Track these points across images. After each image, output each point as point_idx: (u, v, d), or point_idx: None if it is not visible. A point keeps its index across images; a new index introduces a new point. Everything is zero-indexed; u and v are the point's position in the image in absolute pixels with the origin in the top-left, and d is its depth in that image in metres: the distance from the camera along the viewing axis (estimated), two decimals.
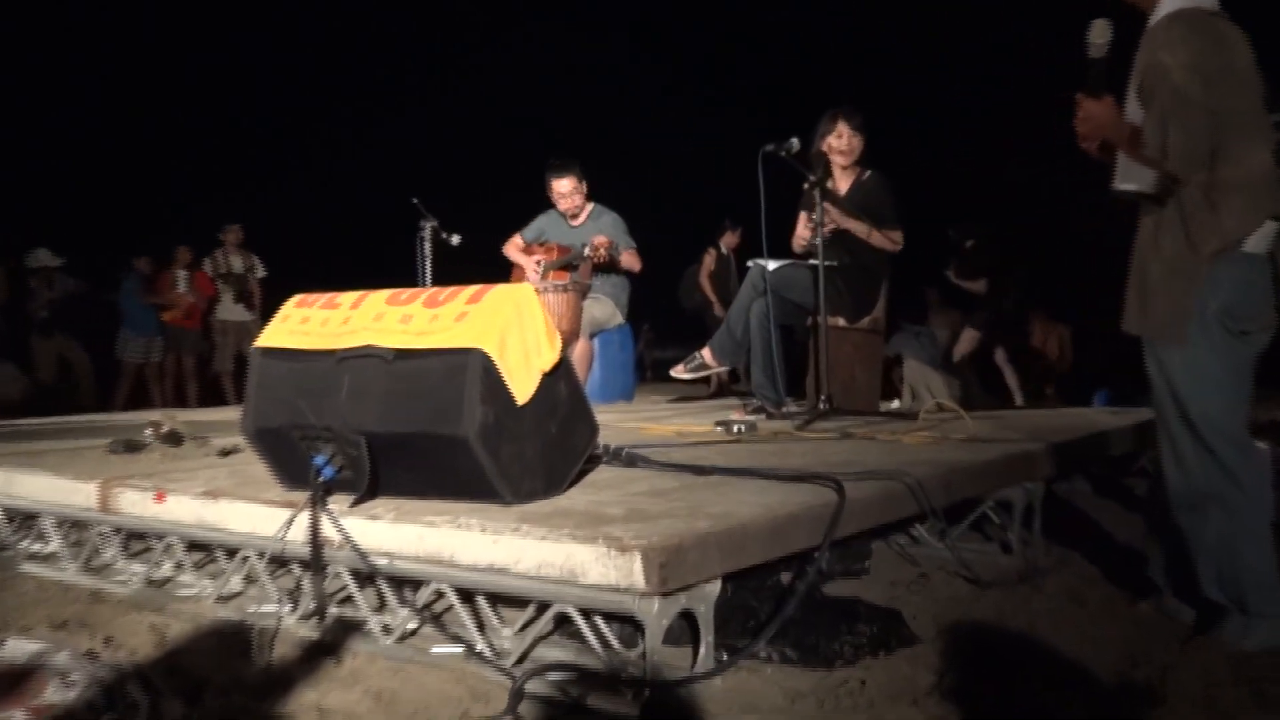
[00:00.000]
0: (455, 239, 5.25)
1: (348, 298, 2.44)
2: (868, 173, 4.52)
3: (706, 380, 9.36)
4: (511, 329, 2.18)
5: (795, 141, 4.10)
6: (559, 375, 2.28)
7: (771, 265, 4.35)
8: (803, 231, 4.34)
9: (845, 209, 4.35)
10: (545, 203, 5.88)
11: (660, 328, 13.38)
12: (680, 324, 9.65)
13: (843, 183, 4.51)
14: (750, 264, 4.46)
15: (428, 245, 5.14)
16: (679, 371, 4.65)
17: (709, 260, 9.60)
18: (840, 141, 4.42)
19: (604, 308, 5.79)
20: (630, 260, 5.71)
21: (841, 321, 4.48)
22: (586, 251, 5.45)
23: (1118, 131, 2.19)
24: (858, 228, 4.33)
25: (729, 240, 9.62)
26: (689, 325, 9.49)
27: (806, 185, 4.15)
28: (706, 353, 4.57)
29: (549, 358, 2.24)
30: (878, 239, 4.35)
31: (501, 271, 6.04)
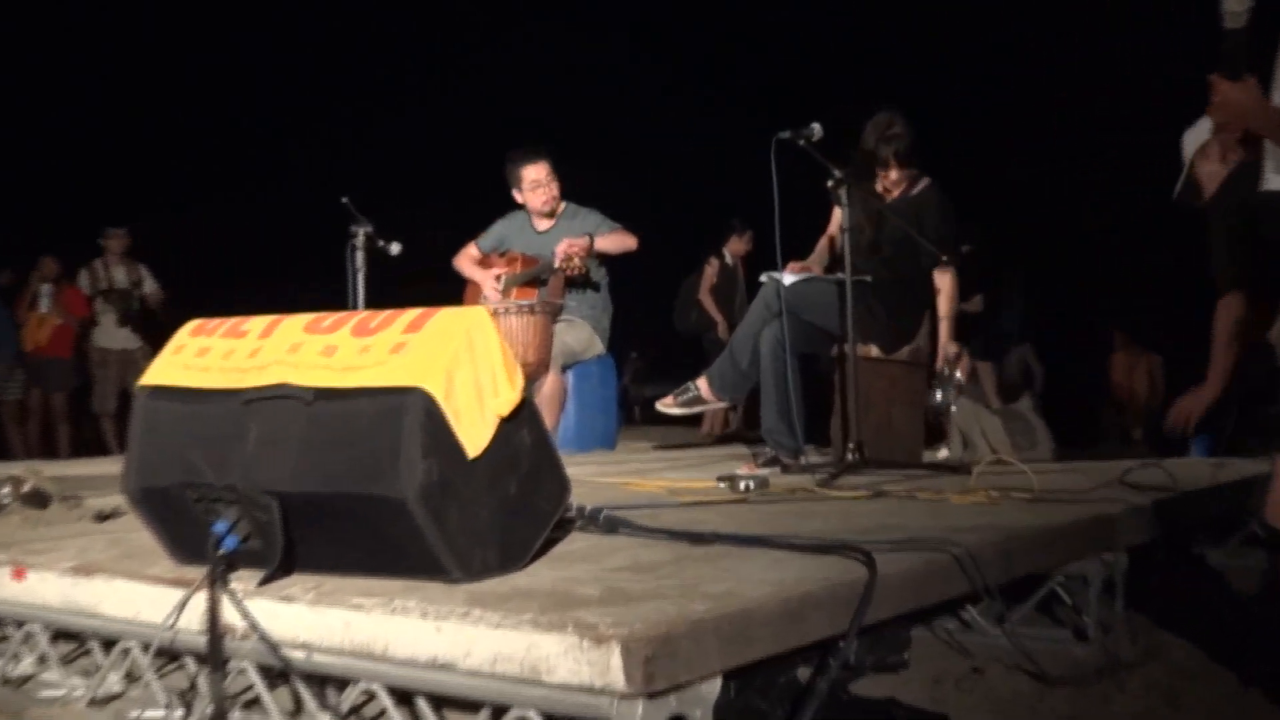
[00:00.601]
0: (395, 248, 5.26)
1: (257, 324, 2.45)
2: (923, 181, 4.56)
3: (698, 420, 9.36)
4: (461, 363, 2.19)
5: (817, 128, 4.15)
6: (521, 420, 2.29)
7: (788, 279, 4.38)
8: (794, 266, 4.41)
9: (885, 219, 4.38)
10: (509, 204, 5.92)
11: (650, 357, 13.43)
12: (676, 353, 9.69)
13: (892, 190, 4.56)
14: (764, 278, 4.49)
15: (360, 256, 5.14)
16: (668, 405, 4.67)
17: (710, 271, 9.61)
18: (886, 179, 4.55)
19: (580, 334, 5.82)
20: (618, 241, 5.71)
21: (875, 351, 4.52)
22: (556, 263, 5.47)
23: (1264, 119, 2.14)
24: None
25: (736, 247, 9.62)
26: (686, 354, 9.51)
27: (831, 183, 4.19)
28: (703, 384, 4.59)
29: (508, 398, 2.25)
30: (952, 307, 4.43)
31: (458, 291, 6.07)
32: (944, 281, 4.51)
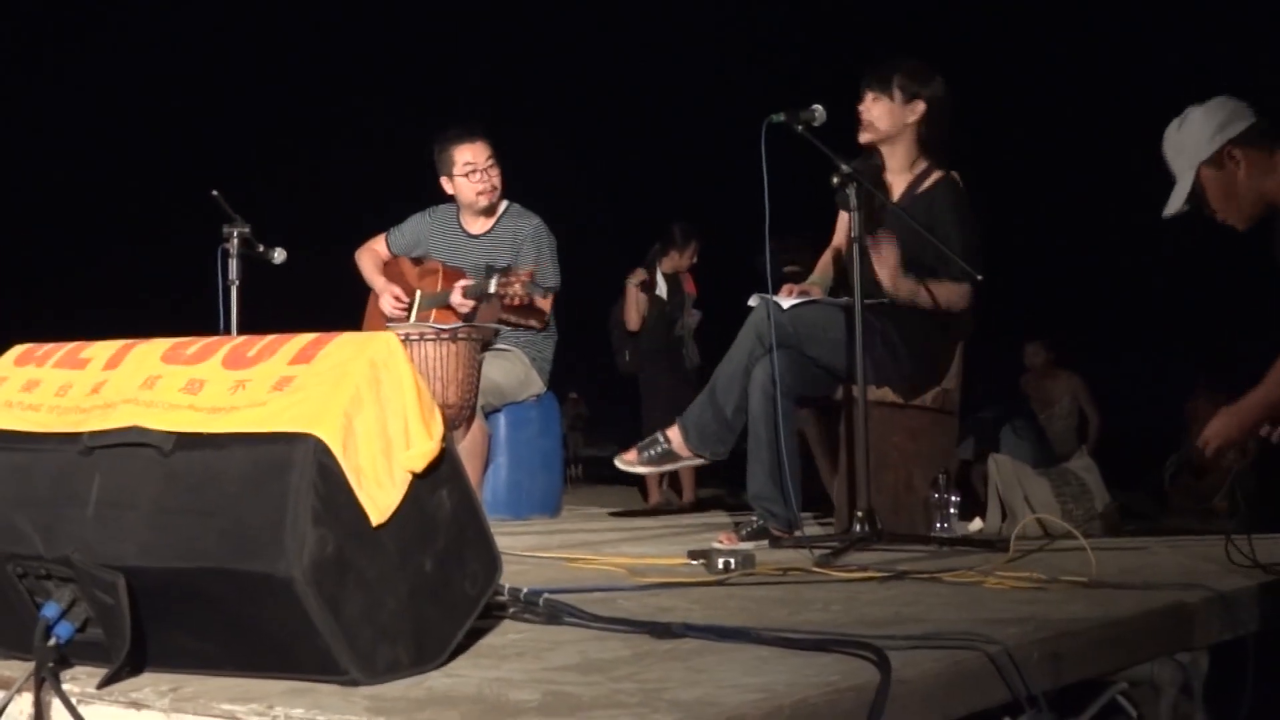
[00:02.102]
0: (278, 255, 5.27)
1: (101, 351, 2.45)
2: (935, 174, 4.60)
3: (641, 486, 9.29)
4: (364, 404, 2.20)
5: (819, 110, 4.20)
6: (440, 479, 2.30)
7: (786, 303, 4.40)
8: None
9: (899, 229, 4.41)
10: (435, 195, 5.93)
11: (596, 395, 13.40)
12: (628, 389, 9.62)
13: (896, 185, 4.60)
14: (754, 300, 4.50)
15: (234, 264, 5.14)
16: (630, 460, 4.67)
17: (632, 288, 9.33)
18: (863, 111, 4.57)
19: (513, 367, 5.84)
20: (539, 309, 5.74)
21: (892, 395, 4.55)
22: (493, 287, 5.44)
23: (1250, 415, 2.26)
24: (900, 285, 4.40)
25: (674, 262, 9.38)
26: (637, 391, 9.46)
27: (836, 180, 4.24)
28: (675, 435, 4.59)
29: (424, 450, 2.26)
30: (926, 297, 4.43)
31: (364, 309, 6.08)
32: (953, 293, 4.52)
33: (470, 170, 5.82)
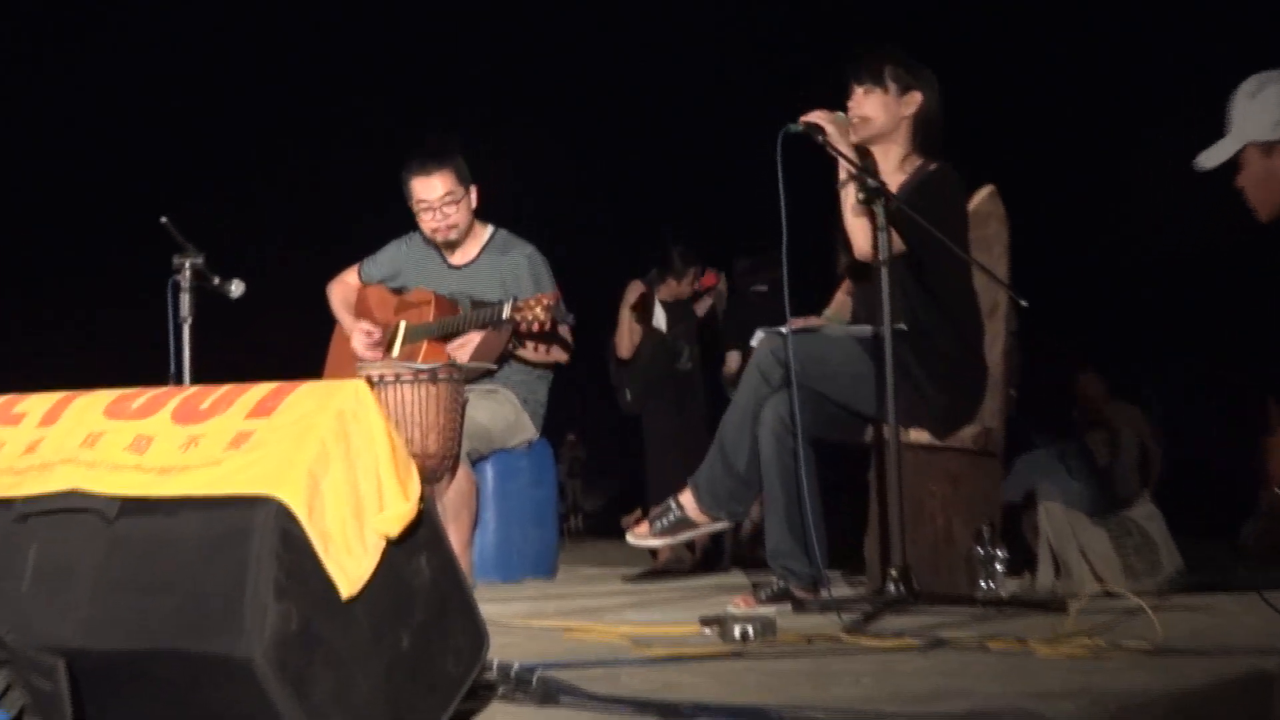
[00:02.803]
0: (236, 288, 5.26)
1: (35, 405, 2.45)
2: (931, 166, 4.60)
3: (690, 547, 9.27)
4: (331, 462, 2.20)
5: (842, 118, 4.23)
6: (417, 544, 2.30)
7: (785, 330, 4.36)
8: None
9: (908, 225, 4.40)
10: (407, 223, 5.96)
11: (597, 435, 13.31)
12: (634, 427, 9.56)
13: (889, 179, 4.59)
14: (759, 335, 4.49)
15: (185, 300, 5.13)
16: (642, 534, 4.65)
17: (625, 310, 9.21)
18: (850, 107, 4.59)
19: (501, 409, 5.84)
20: (565, 339, 5.74)
21: (926, 436, 4.54)
22: (508, 311, 5.41)
23: None
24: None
25: (674, 289, 9.28)
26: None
27: (863, 195, 4.25)
28: (688, 499, 4.57)
29: (399, 512, 2.26)
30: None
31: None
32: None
33: (424, 208, 5.83)
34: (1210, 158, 4.16)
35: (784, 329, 4.32)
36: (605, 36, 12.29)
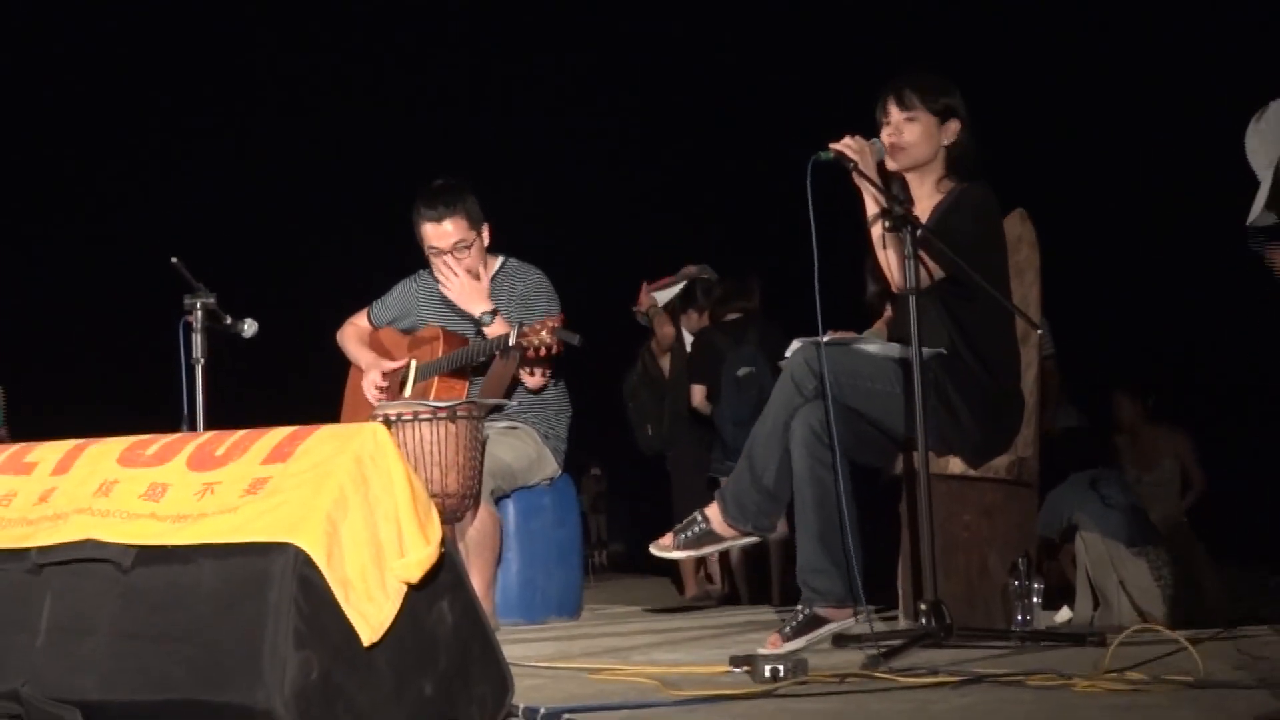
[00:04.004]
0: (249, 328, 5.28)
1: (49, 454, 2.46)
2: (961, 187, 4.58)
3: (675, 577, 9.22)
4: (350, 507, 2.20)
5: (880, 144, 4.25)
6: (439, 589, 2.29)
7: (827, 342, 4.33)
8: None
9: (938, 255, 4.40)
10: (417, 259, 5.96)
11: (621, 469, 13.27)
12: (656, 462, 9.55)
13: (922, 204, 4.58)
14: (796, 343, 4.45)
15: (198, 340, 5.15)
16: (666, 546, 4.61)
17: (661, 331, 9.21)
18: (888, 134, 4.58)
19: (523, 446, 5.83)
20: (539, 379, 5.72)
21: (960, 466, 4.53)
22: (514, 338, 5.41)
23: None
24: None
25: (694, 320, 9.24)
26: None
27: (888, 223, 4.25)
28: (714, 512, 4.53)
29: (420, 557, 2.26)
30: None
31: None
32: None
33: (436, 254, 5.81)
34: (1255, 208, 3.94)
35: (820, 339, 4.28)
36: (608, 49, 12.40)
